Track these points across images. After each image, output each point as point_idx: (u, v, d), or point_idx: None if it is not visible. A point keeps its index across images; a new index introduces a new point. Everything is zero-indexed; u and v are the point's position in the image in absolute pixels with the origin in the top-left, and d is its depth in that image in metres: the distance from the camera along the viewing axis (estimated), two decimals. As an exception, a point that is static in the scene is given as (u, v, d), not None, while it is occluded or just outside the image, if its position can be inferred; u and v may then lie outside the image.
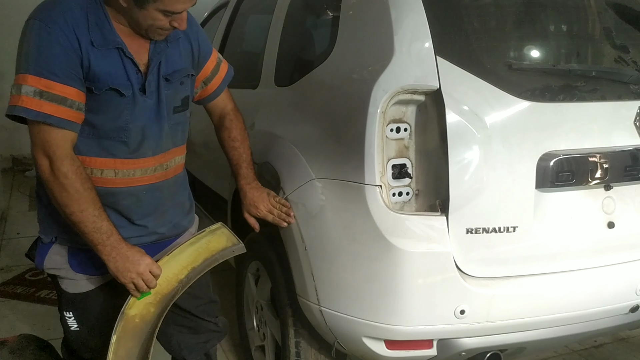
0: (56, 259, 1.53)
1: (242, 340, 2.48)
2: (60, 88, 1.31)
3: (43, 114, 1.30)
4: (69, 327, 1.63)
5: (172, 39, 1.50)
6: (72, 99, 1.33)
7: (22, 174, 5.77)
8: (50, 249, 1.53)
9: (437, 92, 1.52)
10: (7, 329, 2.74)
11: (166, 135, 1.53)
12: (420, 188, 1.60)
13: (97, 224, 1.38)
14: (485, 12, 1.75)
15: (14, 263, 3.60)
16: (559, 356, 2.64)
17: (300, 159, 1.80)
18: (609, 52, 1.83)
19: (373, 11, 1.68)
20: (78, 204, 1.35)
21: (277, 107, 2.14)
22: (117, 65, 1.39)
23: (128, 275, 1.43)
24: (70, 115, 1.33)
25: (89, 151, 1.43)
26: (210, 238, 1.65)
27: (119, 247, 1.42)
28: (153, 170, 1.53)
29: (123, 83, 1.40)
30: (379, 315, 1.57)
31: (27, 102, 1.29)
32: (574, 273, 1.66)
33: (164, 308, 1.55)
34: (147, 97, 1.45)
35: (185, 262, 1.58)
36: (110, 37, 1.37)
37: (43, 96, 1.30)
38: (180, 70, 1.52)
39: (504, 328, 1.61)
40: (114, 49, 1.38)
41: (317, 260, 1.69)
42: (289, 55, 2.21)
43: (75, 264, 1.54)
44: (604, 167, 1.67)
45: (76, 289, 1.58)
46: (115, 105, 1.41)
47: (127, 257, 1.42)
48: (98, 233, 1.38)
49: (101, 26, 1.36)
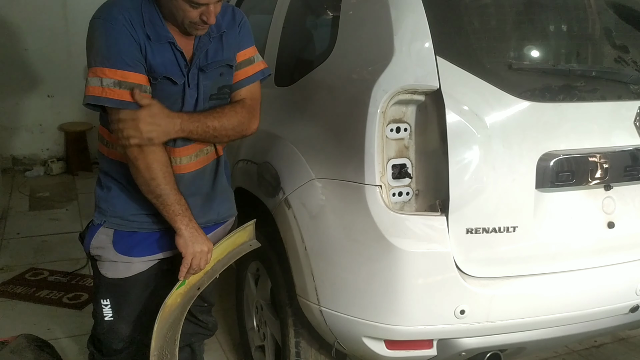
0: (102, 238, 1.63)
1: (242, 340, 2.48)
2: (135, 76, 1.45)
3: (125, 102, 1.44)
4: (103, 316, 1.69)
5: (215, 34, 1.58)
6: (145, 85, 1.47)
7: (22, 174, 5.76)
8: (98, 230, 1.64)
9: (437, 92, 1.52)
10: (7, 329, 2.74)
11: None
12: (420, 188, 1.60)
13: (178, 197, 1.52)
14: (485, 12, 1.75)
15: (14, 263, 3.60)
16: (559, 356, 2.64)
17: (300, 159, 1.80)
18: (609, 52, 1.83)
19: (373, 11, 1.68)
20: (164, 176, 1.48)
21: (277, 107, 2.14)
22: (170, 57, 1.51)
23: (195, 248, 1.55)
24: (144, 98, 1.46)
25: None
26: (240, 233, 1.72)
27: (194, 222, 1.56)
28: (195, 157, 1.63)
29: (176, 73, 1.52)
30: (379, 315, 1.58)
31: (110, 93, 1.43)
32: (574, 273, 1.66)
33: (190, 299, 1.66)
34: (191, 88, 1.55)
35: (216, 255, 1.65)
36: (162, 32, 1.49)
37: (122, 86, 1.43)
38: (217, 61, 1.60)
39: (504, 328, 1.61)
40: (166, 43, 1.50)
41: (317, 260, 1.69)
42: (289, 55, 2.21)
43: (118, 245, 1.63)
44: (604, 167, 1.67)
45: (116, 274, 1.65)
46: (168, 95, 1.52)
47: (198, 233, 1.55)
48: (179, 204, 1.52)
49: (154, 23, 1.48)
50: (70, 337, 2.66)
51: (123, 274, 1.65)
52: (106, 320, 1.69)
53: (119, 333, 1.71)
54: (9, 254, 3.75)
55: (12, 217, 4.52)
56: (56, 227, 4.24)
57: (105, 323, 1.70)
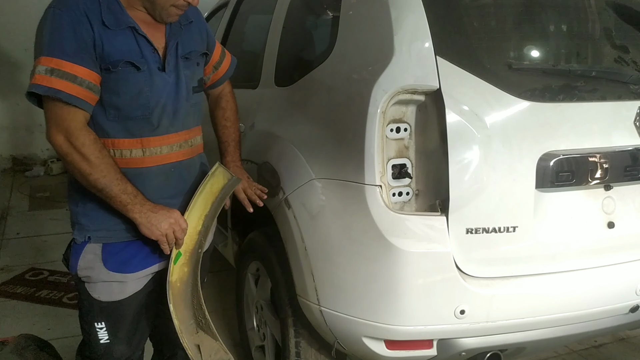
0: (90, 258, 1.54)
1: (242, 340, 2.48)
2: (70, 66, 1.38)
3: (53, 89, 1.36)
4: (98, 339, 1.61)
5: (184, 21, 1.59)
6: (81, 77, 1.39)
7: (22, 174, 5.77)
8: (84, 248, 1.54)
9: (437, 92, 1.52)
10: (7, 329, 2.74)
11: (187, 113, 1.61)
12: (420, 188, 1.60)
13: (121, 186, 1.44)
14: (486, 12, 1.75)
15: (14, 263, 3.60)
16: (559, 356, 2.64)
17: (300, 159, 1.80)
18: (609, 52, 1.83)
19: (373, 11, 1.68)
20: (100, 169, 1.41)
21: (277, 107, 2.14)
22: (130, 43, 1.47)
23: (162, 227, 1.48)
24: (80, 92, 1.39)
25: (116, 133, 1.50)
26: (212, 181, 1.67)
27: (147, 204, 1.48)
28: (179, 147, 1.59)
29: (137, 59, 1.47)
30: (379, 315, 1.57)
31: (39, 80, 1.37)
32: (574, 273, 1.66)
33: (196, 263, 1.62)
34: (167, 74, 1.53)
35: (199, 213, 1.63)
36: (122, 18, 1.46)
37: (54, 73, 1.37)
38: (196, 50, 1.62)
39: (504, 328, 1.61)
40: (127, 28, 1.46)
41: (317, 260, 1.69)
42: (289, 56, 2.21)
43: (109, 262, 1.54)
44: (604, 167, 1.67)
45: (110, 296, 1.57)
46: (134, 83, 1.47)
47: (157, 211, 1.49)
48: (125, 194, 1.44)
49: (113, 10, 1.45)
50: (70, 337, 2.66)
51: (118, 295, 1.57)
52: (102, 343, 1.62)
53: (117, 353, 1.64)
54: (9, 254, 3.75)
55: (12, 217, 4.52)
56: (56, 227, 4.24)
57: (102, 346, 1.62)
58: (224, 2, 3.25)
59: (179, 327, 1.57)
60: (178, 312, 1.57)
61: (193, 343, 1.62)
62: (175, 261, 1.56)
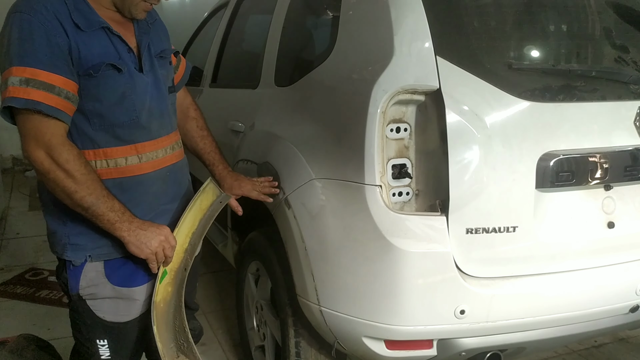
0: (92, 276, 1.47)
1: (242, 340, 2.48)
2: (46, 75, 1.27)
3: (32, 101, 1.26)
4: (99, 356, 1.56)
5: (150, 20, 1.54)
6: (59, 87, 1.29)
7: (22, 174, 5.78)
8: (84, 268, 1.47)
9: (437, 92, 1.52)
10: (7, 329, 2.74)
11: (171, 114, 1.59)
12: (420, 188, 1.60)
13: (109, 203, 1.35)
14: (485, 12, 1.75)
15: (14, 263, 3.60)
16: (559, 356, 2.65)
17: (300, 159, 1.80)
18: (609, 52, 1.83)
19: (373, 11, 1.68)
20: (86, 186, 1.32)
21: (277, 107, 2.14)
22: (106, 44, 1.38)
23: (152, 245, 1.41)
24: (59, 103, 1.29)
25: (106, 143, 1.41)
26: (202, 197, 1.64)
27: (135, 221, 1.41)
28: (171, 149, 1.57)
29: (116, 60, 1.38)
30: (379, 315, 1.57)
31: (14, 92, 1.25)
32: (574, 273, 1.66)
33: (180, 283, 1.57)
34: (145, 75, 1.46)
35: (186, 230, 1.59)
36: (92, 17, 1.36)
37: (30, 84, 1.26)
38: (167, 49, 1.60)
39: (504, 328, 1.61)
40: (100, 29, 1.37)
41: (317, 260, 1.69)
42: (288, 55, 2.21)
43: (113, 277, 1.48)
44: (604, 167, 1.67)
45: (116, 317, 1.51)
46: (116, 86, 1.38)
47: (146, 229, 1.41)
48: (112, 211, 1.36)
49: (81, 9, 1.34)
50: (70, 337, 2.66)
51: (124, 317, 1.52)
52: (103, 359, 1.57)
53: None
54: (9, 254, 3.75)
55: (12, 217, 4.52)
56: (56, 227, 4.24)
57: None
58: (224, 2, 3.25)
59: (162, 351, 1.50)
60: (161, 335, 1.51)
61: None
62: (161, 280, 1.50)
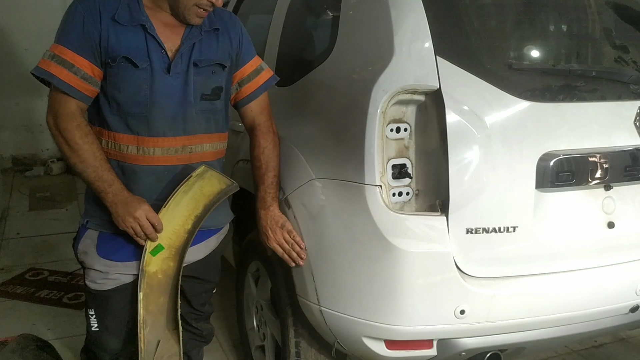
0: (87, 243, 1.62)
1: (242, 340, 2.48)
2: (71, 55, 1.46)
3: (48, 73, 1.46)
4: (90, 326, 1.67)
5: (207, 28, 1.59)
6: (78, 67, 1.47)
7: (22, 174, 5.77)
8: (84, 233, 1.63)
9: (437, 92, 1.52)
10: (7, 329, 2.74)
11: (192, 120, 1.59)
12: (420, 188, 1.60)
13: (98, 174, 1.50)
14: (485, 12, 1.75)
15: (14, 263, 3.60)
16: (559, 356, 2.64)
17: (300, 159, 1.80)
18: (609, 52, 1.83)
19: (373, 11, 1.68)
20: (78, 155, 1.48)
21: (277, 107, 2.14)
22: (138, 40, 1.50)
23: (128, 220, 1.51)
24: (72, 80, 1.47)
25: (117, 127, 1.54)
26: (202, 183, 1.63)
27: (120, 194, 1.52)
28: (174, 151, 1.59)
29: (139, 56, 1.49)
30: (379, 315, 1.57)
31: (41, 63, 1.48)
32: (574, 273, 1.66)
33: (182, 260, 1.63)
34: (172, 77, 1.53)
35: (187, 212, 1.62)
36: (136, 15, 1.50)
37: (54, 59, 1.47)
38: (212, 59, 1.61)
39: (504, 328, 1.61)
40: (138, 25, 1.50)
41: (317, 260, 1.69)
42: (289, 56, 2.21)
43: (100, 249, 1.60)
44: (604, 167, 1.67)
45: (97, 285, 1.62)
46: (133, 80, 1.50)
47: (127, 203, 1.51)
48: (100, 181, 1.50)
49: (131, 7, 1.51)
50: (70, 337, 2.66)
51: (101, 286, 1.61)
52: (93, 330, 1.67)
53: (105, 345, 1.67)
54: (9, 254, 3.75)
55: (12, 217, 4.52)
56: (56, 227, 4.25)
57: (93, 333, 1.67)
58: (224, 2, 3.25)
59: (143, 318, 1.57)
60: (150, 303, 1.59)
61: (155, 337, 1.62)
62: (154, 253, 1.58)
